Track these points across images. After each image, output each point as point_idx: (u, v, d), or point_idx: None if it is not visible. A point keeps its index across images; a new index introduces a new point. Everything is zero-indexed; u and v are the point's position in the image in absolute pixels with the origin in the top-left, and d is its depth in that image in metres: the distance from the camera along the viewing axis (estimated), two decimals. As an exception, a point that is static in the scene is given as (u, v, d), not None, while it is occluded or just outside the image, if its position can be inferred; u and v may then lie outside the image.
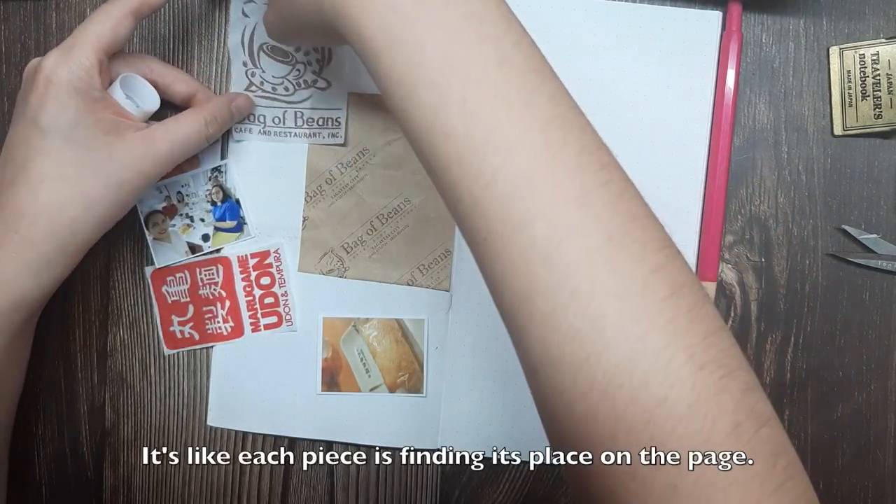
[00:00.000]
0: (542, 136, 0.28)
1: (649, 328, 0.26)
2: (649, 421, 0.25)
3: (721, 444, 0.25)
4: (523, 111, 0.28)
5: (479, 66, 0.29)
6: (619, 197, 0.28)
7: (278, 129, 0.48)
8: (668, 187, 0.47)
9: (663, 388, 0.25)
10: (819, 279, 0.48)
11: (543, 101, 0.29)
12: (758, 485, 0.25)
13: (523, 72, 0.29)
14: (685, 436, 0.25)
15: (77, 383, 0.50)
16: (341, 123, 0.48)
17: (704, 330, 0.26)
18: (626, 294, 0.26)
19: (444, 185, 0.30)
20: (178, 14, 0.48)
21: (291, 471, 0.50)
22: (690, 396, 0.25)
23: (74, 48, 0.40)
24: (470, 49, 0.29)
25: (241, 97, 0.47)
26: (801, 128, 0.48)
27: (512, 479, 0.49)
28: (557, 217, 0.27)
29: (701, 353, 0.26)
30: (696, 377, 0.25)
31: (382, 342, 0.49)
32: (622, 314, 0.26)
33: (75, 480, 0.50)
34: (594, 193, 0.27)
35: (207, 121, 0.44)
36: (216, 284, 0.49)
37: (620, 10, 0.47)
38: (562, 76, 0.30)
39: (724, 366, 0.26)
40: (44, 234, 0.40)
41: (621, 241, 0.27)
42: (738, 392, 0.26)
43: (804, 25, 0.48)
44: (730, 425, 0.25)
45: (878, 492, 0.48)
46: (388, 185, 0.48)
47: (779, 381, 0.48)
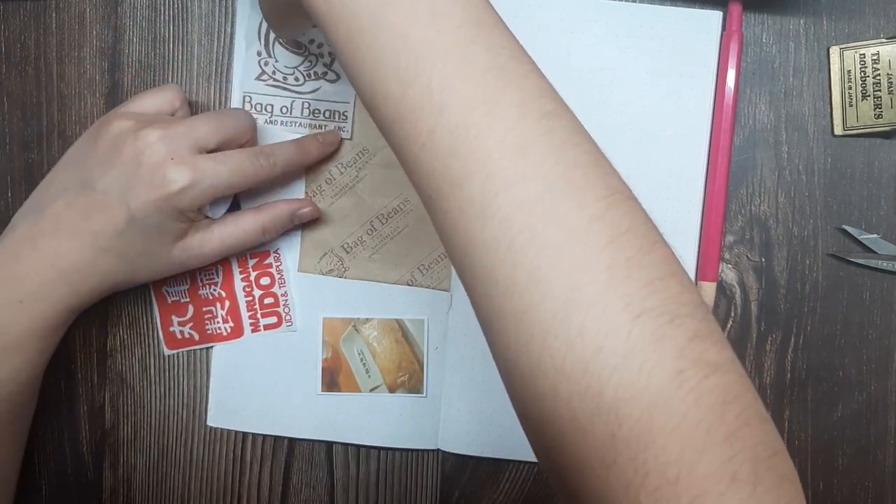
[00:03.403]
0: (478, 90, 0.28)
1: (585, 278, 0.26)
2: (586, 370, 0.25)
3: (660, 392, 0.24)
4: (458, 65, 0.28)
5: (410, 23, 0.28)
6: (561, 145, 0.27)
7: (285, 119, 0.48)
8: (668, 187, 0.47)
9: (598, 338, 0.25)
10: (819, 279, 0.48)
11: (481, 53, 0.28)
12: (702, 433, 0.24)
13: (459, 24, 0.28)
14: (621, 385, 0.25)
15: (77, 383, 0.50)
16: (348, 117, 0.48)
17: (646, 277, 0.26)
18: (562, 244, 0.26)
19: (392, 145, 0.30)
20: (178, 14, 0.48)
21: (291, 471, 0.50)
22: (626, 345, 0.25)
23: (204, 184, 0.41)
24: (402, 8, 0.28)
25: (307, 208, 0.47)
26: (802, 128, 0.48)
27: (512, 479, 0.49)
28: (494, 171, 0.27)
29: (639, 301, 0.25)
30: (632, 325, 0.25)
31: (382, 342, 0.49)
32: (558, 265, 0.26)
33: (75, 480, 0.50)
34: (533, 144, 0.27)
35: (266, 229, 0.46)
36: (216, 285, 0.49)
37: (620, 10, 0.47)
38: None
39: (667, 313, 0.25)
40: (87, 291, 0.42)
41: (563, 190, 0.26)
42: (683, 339, 0.25)
43: (804, 25, 0.48)
44: (670, 373, 0.25)
45: (878, 492, 0.48)
46: (388, 185, 0.48)
47: (779, 381, 0.48)
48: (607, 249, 0.26)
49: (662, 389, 0.25)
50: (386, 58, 0.28)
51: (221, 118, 0.44)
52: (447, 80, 0.28)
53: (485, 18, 0.29)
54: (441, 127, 0.28)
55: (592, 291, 0.25)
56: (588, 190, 0.27)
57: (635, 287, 0.26)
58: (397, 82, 0.28)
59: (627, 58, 0.47)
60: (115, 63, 0.48)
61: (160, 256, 0.43)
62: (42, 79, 0.48)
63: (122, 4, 0.48)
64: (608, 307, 0.25)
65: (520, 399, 0.28)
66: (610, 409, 0.25)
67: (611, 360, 0.25)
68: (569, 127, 0.28)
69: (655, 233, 0.27)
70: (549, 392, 0.26)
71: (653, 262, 0.26)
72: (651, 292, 0.26)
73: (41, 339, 0.42)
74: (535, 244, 0.26)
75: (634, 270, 0.26)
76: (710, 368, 0.25)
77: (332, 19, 0.30)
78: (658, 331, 0.25)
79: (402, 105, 0.28)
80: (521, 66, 0.29)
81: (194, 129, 0.42)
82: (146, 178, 0.40)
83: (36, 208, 0.42)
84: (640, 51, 0.47)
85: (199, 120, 0.43)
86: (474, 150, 0.27)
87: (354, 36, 0.29)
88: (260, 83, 0.48)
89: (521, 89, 0.28)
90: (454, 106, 0.28)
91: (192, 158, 0.41)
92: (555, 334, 0.26)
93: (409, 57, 0.28)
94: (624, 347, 0.25)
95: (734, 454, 0.24)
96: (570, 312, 0.26)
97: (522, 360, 0.27)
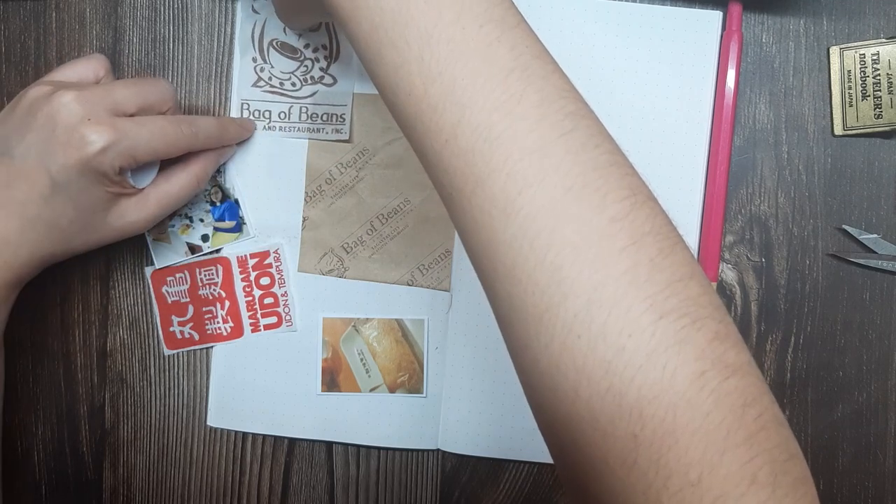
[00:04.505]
0: (500, 88, 0.28)
1: (606, 278, 0.26)
2: (608, 371, 0.25)
3: (682, 393, 0.24)
4: (481, 64, 0.28)
5: (434, 22, 0.28)
6: (582, 146, 0.27)
7: (283, 125, 0.48)
8: (669, 187, 0.47)
9: (621, 338, 0.25)
10: (819, 279, 0.48)
11: (503, 53, 0.28)
12: (723, 435, 0.24)
13: (482, 24, 0.28)
14: (644, 385, 0.25)
15: (77, 383, 0.50)
16: (346, 119, 0.48)
17: (667, 278, 0.26)
18: (583, 244, 0.26)
19: (412, 141, 0.30)
20: (178, 14, 0.48)
21: (291, 471, 0.50)
22: (649, 345, 0.25)
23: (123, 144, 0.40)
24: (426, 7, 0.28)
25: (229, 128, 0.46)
26: (802, 128, 0.48)
27: (512, 479, 0.49)
28: (515, 170, 0.27)
29: (662, 302, 0.25)
30: (655, 326, 0.25)
31: (382, 342, 0.49)
32: (579, 265, 0.26)
33: (75, 480, 0.50)
34: (554, 144, 0.27)
35: (199, 178, 0.45)
36: (216, 285, 0.49)
37: (620, 10, 0.47)
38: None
39: (688, 314, 0.25)
40: (21, 263, 0.41)
41: (581, 191, 0.27)
42: (704, 341, 0.25)
43: (804, 25, 0.48)
44: (692, 375, 0.25)
45: (878, 492, 0.48)
46: (388, 185, 0.48)
47: (779, 381, 0.48)
48: (628, 250, 0.26)
49: (686, 390, 0.25)
50: (410, 55, 0.29)
51: (141, 84, 0.43)
52: (469, 79, 0.28)
53: (508, 18, 0.29)
54: (463, 125, 0.28)
55: (614, 292, 0.26)
56: (608, 191, 0.27)
57: (657, 288, 0.26)
58: (420, 79, 0.28)
59: (627, 58, 0.47)
60: (115, 63, 0.48)
61: (95, 224, 0.42)
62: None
63: (122, 4, 0.48)
64: (631, 308, 0.25)
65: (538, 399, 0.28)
66: (633, 410, 0.25)
67: (634, 361, 0.25)
68: (591, 127, 0.28)
69: (676, 234, 0.28)
70: (569, 392, 0.26)
71: (674, 264, 0.26)
72: (672, 293, 0.26)
73: None
74: (556, 244, 0.26)
75: (656, 272, 0.26)
76: (730, 370, 0.25)
77: (356, 16, 0.30)
78: (680, 332, 0.25)
79: (424, 102, 0.29)
80: (544, 67, 0.29)
81: (112, 92, 0.41)
82: (62, 140, 0.39)
83: None
84: (640, 51, 0.47)
85: (117, 84, 0.42)
86: (496, 150, 0.27)
87: (378, 32, 0.29)
88: (257, 89, 0.48)
89: (542, 90, 0.28)
90: (476, 105, 0.28)
91: (110, 119, 0.40)
92: (577, 334, 0.26)
93: (432, 55, 0.28)
94: (647, 348, 0.25)
95: (754, 456, 0.24)
96: (591, 312, 0.26)
97: (542, 361, 0.27)
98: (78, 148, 0.39)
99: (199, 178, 0.45)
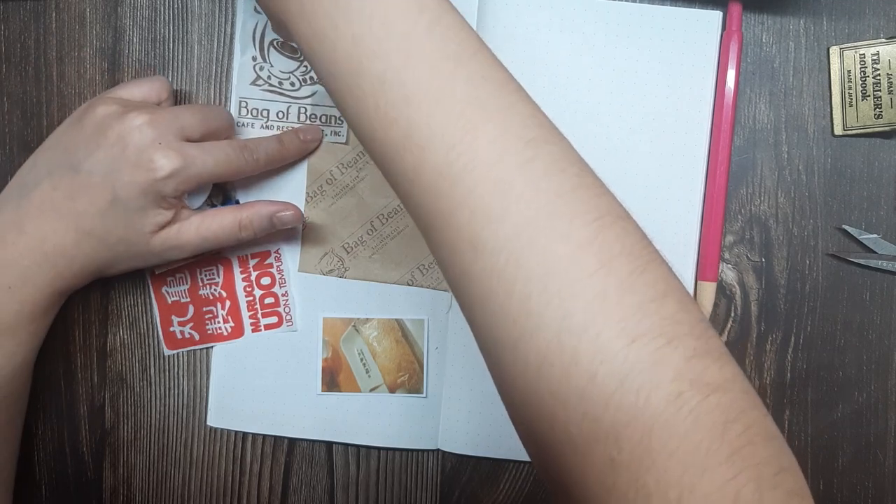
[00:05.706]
0: (458, 125, 0.28)
1: (574, 306, 0.26)
2: (582, 397, 0.25)
3: (658, 415, 0.24)
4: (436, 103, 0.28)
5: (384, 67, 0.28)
6: (544, 174, 0.27)
7: (281, 124, 0.48)
8: (669, 187, 0.47)
9: (593, 365, 0.25)
10: (819, 279, 0.48)
11: (459, 87, 0.28)
12: (703, 454, 0.24)
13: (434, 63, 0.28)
14: (619, 410, 0.25)
15: (77, 383, 0.50)
16: (344, 122, 0.48)
17: (639, 300, 0.26)
18: (550, 273, 0.26)
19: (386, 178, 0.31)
20: (178, 14, 0.48)
21: (291, 471, 0.50)
22: (622, 370, 0.25)
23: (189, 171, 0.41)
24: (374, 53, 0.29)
25: (289, 211, 0.45)
26: (802, 128, 0.48)
27: (512, 479, 0.49)
28: (477, 206, 0.27)
29: (634, 325, 0.25)
30: (627, 350, 0.25)
31: (382, 342, 0.49)
32: (547, 295, 0.26)
33: (75, 480, 0.50)
34: (515, 175, 0.27)
35: (243, 225, 0.45)
36: (216, 285, 0.49)
37: (620, 10, 0.47)
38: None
39: (663, 334, 0.25)
40: (73, 274, 0.42)
41: (546, 220, 0.27)
42: (681, 360, 0.25)
43: (804, 25, 0.48)
44: (668, 396, 0.25)
45: (878, 492, 0.48)
46: (389, 186, 0.48)
47: (779, 381, 0.48)
48: (597, 274, 0.26)
49: (661, 412, 0.24)
50: (366, 101, 0.29)
51: (206, 111, 0.44)
52: (426, 119, 0.28)
53: (462, 52, 0.29)
54: (425, 165, 0.28)
55: (583, 319, 0.26)
56: (574, 216, 0.27)
57: (629, 311, 0.26)
58: (379, 124, 0.29)
59: (627, 58, 0.47)
60: (115, 63, 0.48)
61: (139, 245, 0.42)
62: (42, 79, 0.48)
63: (122, 4, 0.48)
64: (601, 334, 0.25)
65: (519, 423, 0.29)
66: (609, 434, 0.25)
67: (608, 386, 0.25)
68: (554, 153, 0.28)
69: (649, 251, 0.27)
70: (546, 418, 0.26)
71: (647, 284, 0.26)
72: (645, 315, 0.26)
73: (31, 323, 0.43)
74: (521, 277, 0.26)
75: (627, 294, 0.26)
76: (710, 388, 0.25)
77: (313, 62, 0.31)
78: (655, 353, 0.25)
79: (386, 146, 0.29)
80: (503, 97, 0.29)
81: (179, 117, 0.42)
82: (132, 160, 0.40)
83: (19, 192, 0.42)
84: (640, 51, 0.47)
85: (184, 109, 0.43)
86: (456, 187, 0.28)
87: (335, 79, 0.30)
88: (255, 88, 0.48)
89: (501, 123, 0.28)
90: (435, 144, 0.28)
91: (178, 145, 0.41)
92: (550, 362, 0.26)
93: (387, 101, 0.28)
94: (620, 373, 0.25)
95: (737, 473, 0.24)
96: (562, 341, 0.26)
97: (518, 387, 0.27)
98: (147, 170, 0.40)
99: (242, 224, 0.44)
